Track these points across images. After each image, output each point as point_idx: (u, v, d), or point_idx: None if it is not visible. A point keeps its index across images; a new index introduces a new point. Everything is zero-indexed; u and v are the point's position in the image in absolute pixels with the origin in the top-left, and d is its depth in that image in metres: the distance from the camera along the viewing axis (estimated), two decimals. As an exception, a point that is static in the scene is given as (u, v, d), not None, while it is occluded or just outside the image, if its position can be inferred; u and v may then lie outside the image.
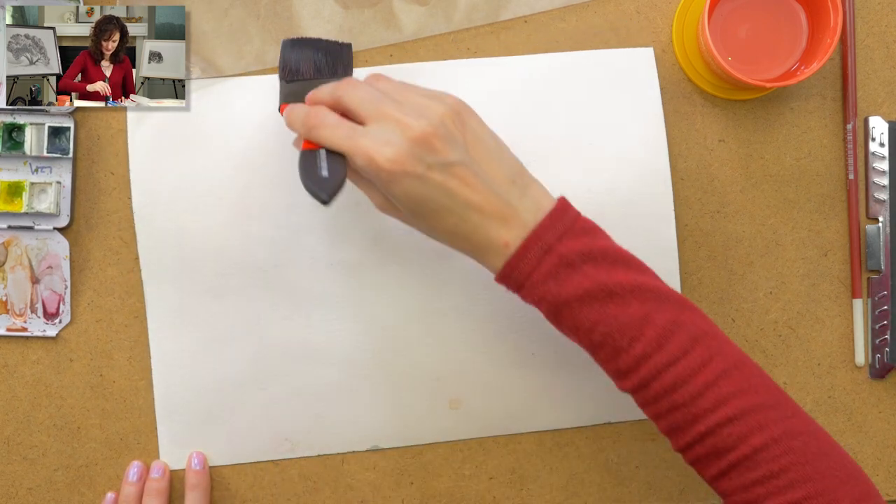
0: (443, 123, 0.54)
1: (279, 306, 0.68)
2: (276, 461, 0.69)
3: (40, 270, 0.69)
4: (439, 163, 0.53)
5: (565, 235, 0.54)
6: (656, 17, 0.69)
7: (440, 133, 0.53)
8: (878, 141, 0.69)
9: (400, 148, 0.53)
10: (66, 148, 0.68)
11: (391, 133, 0.54)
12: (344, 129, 0.55)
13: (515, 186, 0.55)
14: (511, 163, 0.57)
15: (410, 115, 0.54)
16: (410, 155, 0.53)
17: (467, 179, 0.54)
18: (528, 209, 0.55)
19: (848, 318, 0.69)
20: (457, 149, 0.54)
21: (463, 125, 0.55)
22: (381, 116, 0.55)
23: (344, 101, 0.57)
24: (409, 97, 0.56)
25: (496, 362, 0.68)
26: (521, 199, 0.55)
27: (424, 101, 0.55)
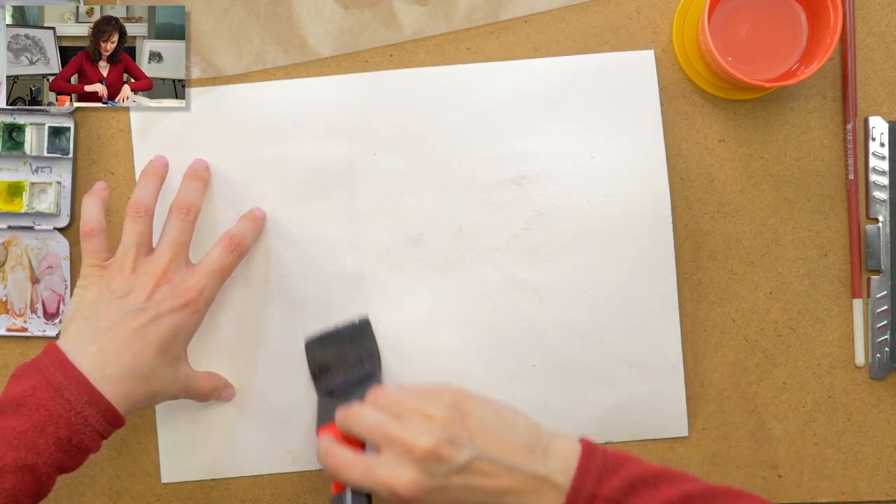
0: (444, 429, 0.55)
1: (282, 317, 0.68)
2: (276, 461, 0.69)
3: (40, 270, 0.69)
4: (454, 469, 0.54)
5: (602, 478, 0.55)
6: (656, 17, 0.69)
7: (444, 441, 0.55)
8: (878, 141, 0.69)
9: (413, 472, 0.54)
10: (66, 148, 0.68)
11: (401, 459, 0.55)
12: (360, 466, 0.57)
13: (536, 454, 0.56)
14: (523, 429, 0.57)
15: (413, 434, 0.55)
16: (425, 473, 0.54)
17: (486, 470, 0.55)
18: (558, 469, 0.55)
19: (848, 318, 0.69)
20: (465, 448, 0.55)
21: (464, 418, 0.56)
22: (388, 442, 0.56)
23: (353, 433, 0.58)
24: (409, 407, 0.57)
25: (496, 374, 0.68)
26: (546, 463, 0.56)
27: (422, 407, 0.56)
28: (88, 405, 0.56)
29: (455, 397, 0.57)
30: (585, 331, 0.68)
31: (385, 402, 0.59)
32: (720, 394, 0.69)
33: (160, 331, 0.59)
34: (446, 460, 0.54)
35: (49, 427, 0.55)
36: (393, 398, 0.59)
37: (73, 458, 0.57)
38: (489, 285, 0.68)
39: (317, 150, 0.68)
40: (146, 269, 0.61)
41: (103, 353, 0.57)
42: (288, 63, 0.68)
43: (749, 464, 0.69)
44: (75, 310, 0.60)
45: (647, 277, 0.68)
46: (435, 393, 0.58)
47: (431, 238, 0.68)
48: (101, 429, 0.57)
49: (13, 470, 0.54)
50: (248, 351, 0.68)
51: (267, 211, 0.68)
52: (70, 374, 0.56)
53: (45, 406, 0.55)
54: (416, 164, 0.68)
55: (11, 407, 0.55)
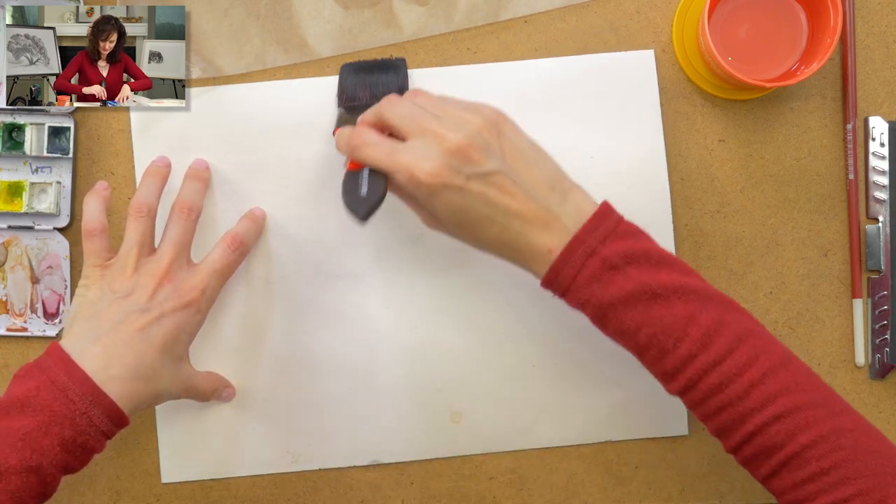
0: (479, 134, 0.55)
1: (282, 317, 0.68)
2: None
3: (40, 270, 0.69)
4: (477, 173, 0.54)
5: (608, 238, 0.55)
6: (656, 17, 0.69)
7: (477, 144, 0.55)
8: (878, 141, 0.69)
9: (438, 161, 0.54)
10: (66, 148, 0.68)
11: (429, 147, 0.55)
12: (384, 147, 0.57)
13: (555, 192, 0.56)
14: (550, 169, 0.57)
15: (448, 128, 0.55)
16: (448, 167, 0.54)
17: (506, 188, 0.55)
18: (570, 214, 0.55)
19: (848, 318, 0.69)
20: (494, 158, 0.55)
21: (500, 134, 0.56)
22: (420, 131, 0.56)
23: (384, 118, 0.58)
24: (448, 110, 0.57)
25: (497, 374, 0.68)
26: (562, 205, 0.56)
27: (462, 113, 0.56)
28: (93, 406, 0.56)
29: (495, 114, 0.57)
30: (585, 331, 0.68)
31: (423, 99, 0.59)
32: (720, 394, 0.69)
33: (163, 331, 0.59)
34: (473, 162, 0.54)
35: (54, 428, 0.55)
36: (433, 98, 0.58)
37: (77, 458, 0.57)
38: (489, 285, 0.68)
39: (317, 150, 0.68)
40: (148, 268, 0.61)
41: (107, 353, 0.57)
42: (288, 63, 0.68)
43: (749, 464, 0.69)
44: (77, 310, 0.60)
45: None
46: (476, 105, 0.58)
47: (431, 238, 0.68)
48: (105, 429, 0.57)
49: (18, 471, 0.54)
50: (249, 351, 0.68)
51: (267, 211, 0.68)
52: (74, 375, 0.56)
53: (49, 407, 0.55)
54: (416, 163, 0.68)
55: (15, 408, 0.55)
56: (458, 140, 0.54)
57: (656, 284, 0.54)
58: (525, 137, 0.58)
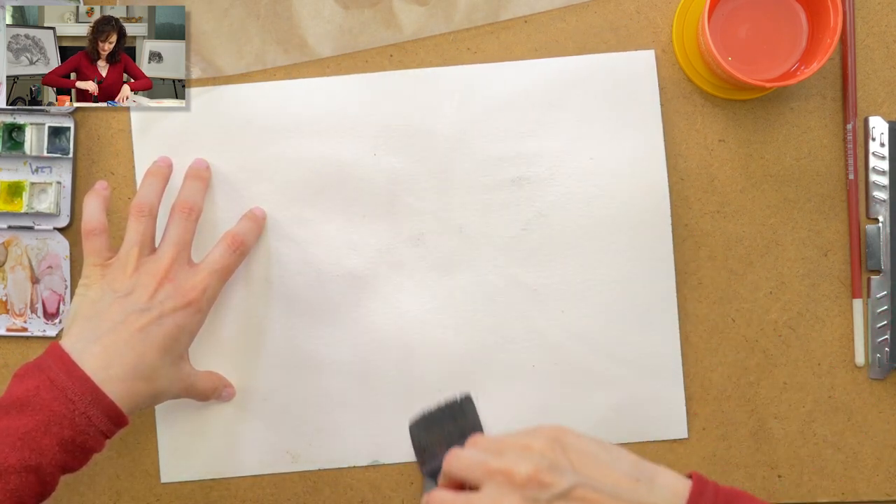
0: (544, 457, 0.54)
1: (282, 317, 0.68)
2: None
3: (40, 270, 0.69)
4: (555, 495, 0.53)
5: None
6: (656, 17, 0.69)
7: (545, 467, 0.53)
8: (878, 141, 0.69)
9: (514, 499, 0.53)
10: (66, 148, 0.68)
11: (502, 488, 0.54)
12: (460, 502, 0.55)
13: (641, 483, 0.54)
14: (626, 461, 0.56)
15: (513, 463, 0.54)
16: (526, 500, 0.53)
17: (589, 498, 0.53)
18: (666, 501, 0.54)
19: (848, 318, 0.69)
20: (567, 475, 0.53)
21: (564, 448, 0.55)
22: (488, 475, 0.54)
23: (452, 476, 0.57)
24: (507, 444, 0.56)
25: (496, 374, 0.68)
26: (652, 493, 0.54)
27: (521, 441, 0.55)
28: (92, 405, 0.56)
29: (554, 431, 0.56)
30: (585, 331, 0.68)
31: (484, 443, 0.58)
32: (720, 394, 0.69)
33: (163, 330, 0.59)
34: (548, 486, 0.53)
35: (53, 427, 0.55)
36: (492, 439, 0.57)
37: (76, 458, 0.57)
38: (489, 286, 0.68)
39: (317, 149, 0.68)
40: (148, 268, 0.61)
41: (107, 353, 0.57)
42: (288, 63, 0.68)
43: (749, 464, 0.69)
44: (77, 310, 0.60)
45: (647, 278, 0.68)
46: (533, 429, 0.56)
47: (432, 238, 0.68)
48: (105, 429, 0.57)
49: (17, 471, 0.54)
50: (249, 350, 0.68)
51: (267, 211, 0.68)
52: (74, 375, 0.56)
53: (49, 406, 0.55)
54: (416, 164, 0.68)
55: (15, 407, 0.55)
56: (527, 471, 0.53)
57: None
58: (590, 441, 0.56)
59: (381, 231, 0.68)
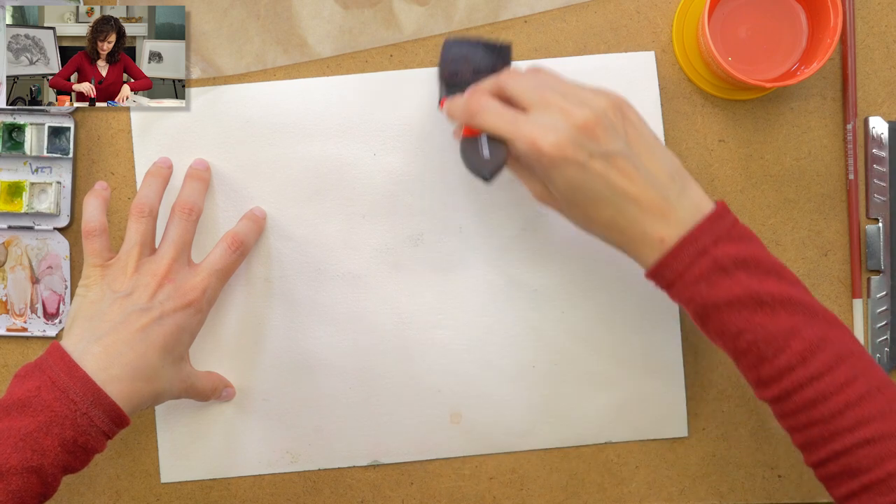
0: (605, 114, 0.54)
1: (282, 317, 0.68)
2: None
3: (40, 270, 0.69)
4: (601, 152, 0.54)
5: (721, 240, 0.54)
6: (656, 17, 0.69)
7: (603, 122, 0.54)
8: (878, 141, 0.69)
9: (563, 134, 0.54)
10: (66, 148, 0.68)
11: (554, 119, 0.54)
12: (506, 115, 0.56)
13: (674, 183, 0.55)
14: (670, 160, 0.57)
15: (574, 104, 0.54)
16: (573, 142, 0.53)
17: (627, 171, 0.54)
18: (686, 208, 0.55)
19: (848, 318, 0.69)
20: (618, 139, 0.54)
21: (624, 118, 0.56)
22: (544, 104, 0.55)
23: (507, 88, 0.57)
24: (572, 89, 0.56)
25: (496, 374, 0.68)
26: (680, 197, 0.55)
27: (587, 93, 0.56)
28: (94, 406, 0.56)
29: (619, 99, 0.56)
30: (585, 332, 0.68)
31: (546, 76, 0.58)
32: (720, 394, 0.69)
33: (164, 330, 0.59)
34: (597, 140, 0.54)
35: (54, 428, 0.55)
36: (556, 76, 0.57)
37: (78, 458, 0.57)
38: (489, 286, 0.68)
39: (317, 150, 0.68)
40: (149, 268, 0.61)
41: (108, 353, 0.57)
42: (288, 63, 0.68)
43: (749, 464, 0.69)
44: (78, 310, 0.60)
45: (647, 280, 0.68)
46: (600, 89, 0.57)
47: (432, 238, 0.68)
48: (106, 429, 0.57)
49: (19, 471, 0.54)
50: (249, 350, 0.68)
51: (267, 211, 0.68)
52: (75, 375, 0.56)
53: (50, 407, 0.55)
54: (416, 164, 0.68)
55: (16, 408, 0.55)
56: (585, 116, 0.54)
57: (764, 292, 0.53)
58: (647, 126, 0.57)
59: (381, 231, 0.68)
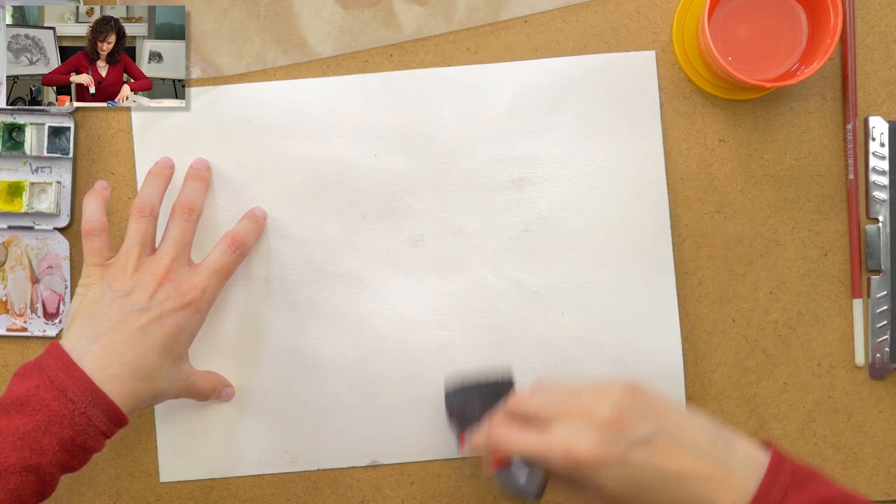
0: (624, 402, 0.53)
1: (282, 317, 0.68)
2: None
3: (40, 270, 0.69)
4: (636, 440, 0.52)
5: (790, 489, 0.52)
6: (656, 17, 0.69)
7: (626, 411, 0.52)
8: (878, 141, 0.69)
9: (593, 436, 0.52)
10: (66, 148, 0.68)
11: (579, 424, 0.52)
12: (531, 434, 0.54)
13: (719, 444, 0.53)
14: (704, 422, 0.54)
15: (592, 403, 0.53)
16: (605, 441, 0.51)
17: (668, 449, 0.52)
18: (744, 466, 0.53)
19: (848, 318, 0.69)
20: (647, 421, 0.52)
21: (643, 400, 0.54)
22: (563, 413, 0.53)
23: (521, 409, 0.56)
24: (582, 390, 0.55)
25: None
26: (731, 456, 0.53)
27: (598, 388, 0.54)
28: (92, 405, 0.56)
29: (631, 381, 0.54)
30: (585, 333, 0.68)
31: (554, 387, 0.56)
32: (720, 394, 0.69)
33: (164, 330, 0.59)
34: (628, 430, 0.52)
35: (53, 427, 0.55)
36: (564, 384, 0.56)
37: (76, 458, 0.57)
38: (489, 287, 0.68)
39: (317, 150, 0.68)
40: (148, 268, 0.61)
41: (107, 352, 0.57)
42: (288, 63, 0.68)
43: (749, 464, 0.69)
44: (77, 309, 0.60)
45: (647, 280, 0.68)
46: (607, 380, 0.55)
47: (432, 239, 0.68)
48: (104, 429, 0.57)
49: (17, 471, 0.54)
50: (248, 350, 0.68)
51: (267, 211, 0.68)
52: (74, 374, 0.56)
53: (48, 406, 0.55)
54: (416, 165, 0.68)
55: (14, 407, 0.55)
56: (608, 411, 0.52)
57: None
58: (666, 399, 0.55)
59: (382, 231, 0.68)
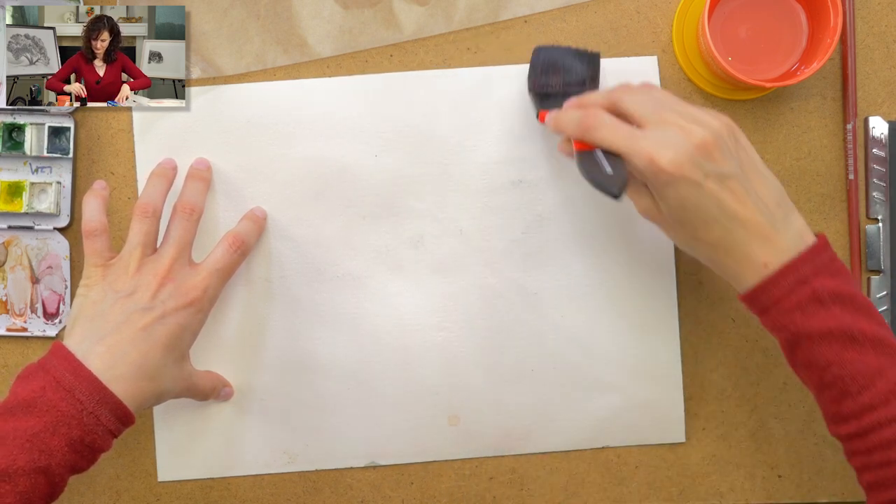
0: (720, 135, 0.55)
1: (282, 317, 0.68)
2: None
3: (40, 270, 0.69)
4: (716, 172, 0.54)
5: (821, 272, 0.55)
6: (656, 17, 0.69)
7: (719, 144, 0.55)
8: (878, 141, 0.69)
9: (681, 152, 0.54)
10: (66, 148, 0.68)
11: (672, 137, 0.54)
12: (623, 130, 0.56)
13: (780, 210, 0.56)
14: (777, 187, 0.57)
15: (690, 123, 0.55)
16: (691, 160, 0.54)
17: (739, 194, 0.55)
18: (790, 236, 0.55)
19: (848, 318, 0.69)
20: (732, 162, 0.55)
21: (737, 142, 0.56)
22: (661, 121, 0.55)
23: (622, 104, 0.58)
24: (686, 107, 0.57)
25: (495, 377, 0.68)
26: (785, 225, 0.56)
27: (702, 114, 0.56)
28: (100, 405, 0.56)
29: (732, 124, 0.57)
30: (584, 336, 0.68)
31: (660, 94, 0.58)
32: (720, 394, 0.69)
33: (167, 329, 0.59)
34: (714, 160, 0.54)
35: (61, 428, 0.55)
36: (670, 95, 0.58)
37: (85, 458, 0.57)
38: (489, 289, 0.68)
39: (318, 150, 0.68)
40: (150, 268, 0.61)
41: (112, 352, 0.57)
42: (288, 63, 0.68)
43: (749, 464, 0.69)
44: (79, 310, 0.60)
45: (647, 283, 0.68)
46: (713, 112, 0.57)
47: (432, 240, 0.68)
48: (112, 428, 0.57)
49: (27, 472, 0.54)
50: (248, 350, 0.68)
51: (268, 211, 0.68)
52: (81, 375, 0.56)
53: (56, 407, 0.55)
54: (417, 166, 0.68)
55: (21, 408, 0.55)
56: (703, 136, 0.54)
57: (856, 329, 0.54)
58: (756, 152, 0.58)
59: (382, 232, 0.68)
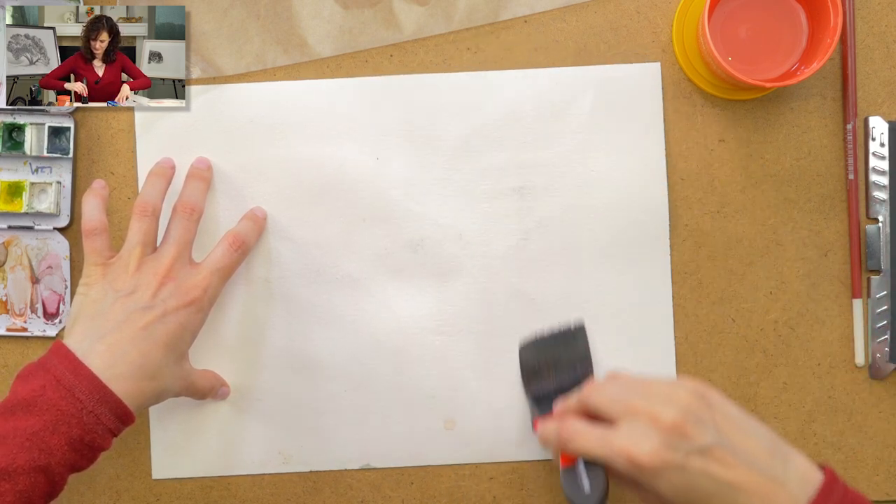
0: (690, 408, 0.54)
1: (280, 318, 0.68)
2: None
3: (40, 270, 0.69)
4: (696, 448, 0.53)
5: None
6: (656, 17, 0.69)
7: (691, 418, 0.53)
8: (878, 141, 0.69)
9: (655, 441, 0.53)
10: (66, 148, 0.68)
11: (643, 427, 0.54)
12: (596, 434, 0.55)
13: (776, 459, 0.54)
14: (765, 435, 0.56)
15: (658, 406, 0.54)
16: (666, 446, 0.53)
17: (726, 460, 0.53)
18: (796, 484, 0.53)
19: (848, 318, 0.69)
20: (709, 431, 0.54)
21: (710, 406, 0.55)
22: (629, 412, 0.55)
23: (591, 403, 0.57)
24: (653, 388, 0.56)
25: (492, 382, 0.68)
26: (786, 473, 0.54)
27: (668, 389, 0.55)
28: (100, 404, 0.56)
29: (701, 387, 0.56)
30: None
31: (625, 380, 0.58)
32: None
33: (167, 329, 0.59)
34: (690, 437, 0.53)
35: (61, 427, 0.55)
36: (634, 378, 0.57)
37: (85, 457, 0.57)
38: (488, 294, 0.68)
39: (318, 151, 0.68)
40: (150, 267, 0.61)
41: (112, 351, 0.57)
42: (288, 63, 0.68)
43: (749, 464, 0.69)
44: (80, 309, 0.60)
45: (645, 290, 0.68)
46: (679, 381, 0.57)
47: (431, 245, 0.68)
48: (112, 427, 0.57)
49: (27, 471, 0.54)
50: (246, 350, 0.68)
51: (268, 211, 0.68)
52: (81, 373, 0.56)
53: (56, 406, 0.55)
54: (418, 169, 0.68)
55: (21, 407, 0.55)
56: (672, 417, 0.53)
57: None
58: (734, 407, 0.56)
59: (381, 235, 0.68)
